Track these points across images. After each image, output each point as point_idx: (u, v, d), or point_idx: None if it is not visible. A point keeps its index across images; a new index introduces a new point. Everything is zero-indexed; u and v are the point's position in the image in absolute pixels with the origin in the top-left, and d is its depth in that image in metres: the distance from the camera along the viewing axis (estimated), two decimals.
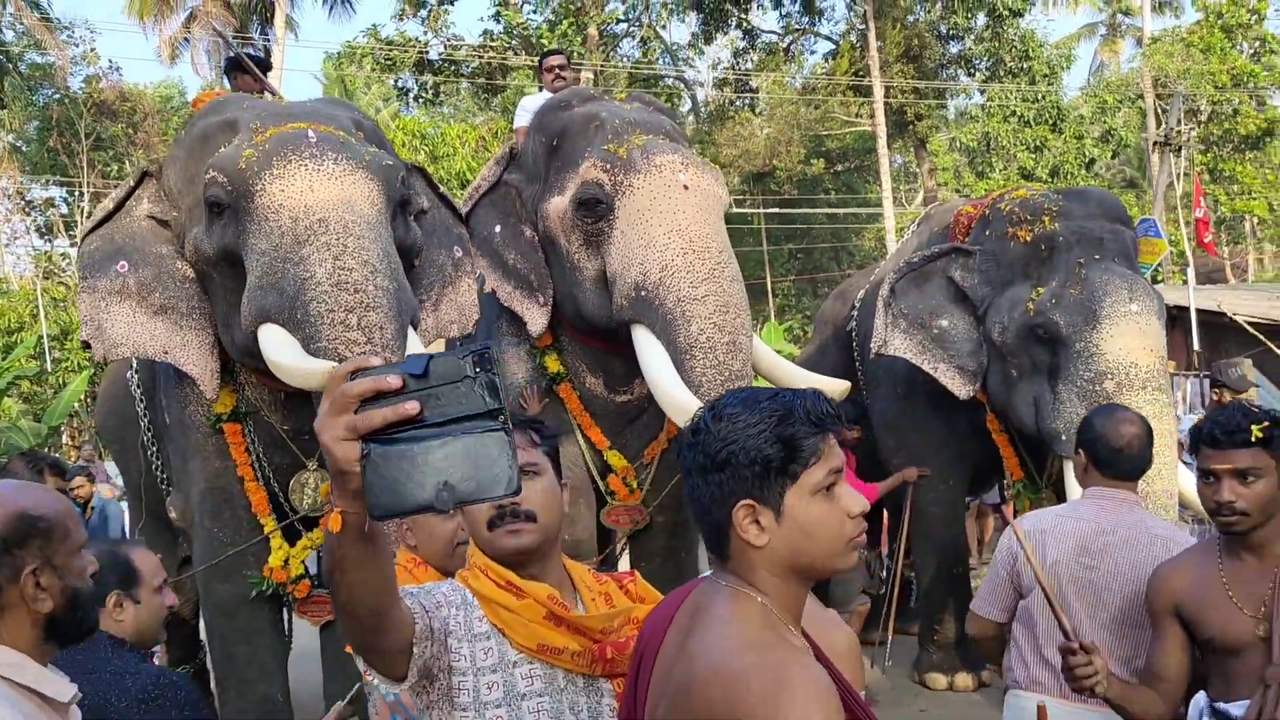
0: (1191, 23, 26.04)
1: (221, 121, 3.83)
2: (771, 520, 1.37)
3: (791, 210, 26.27)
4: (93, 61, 25.16)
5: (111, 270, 3.80)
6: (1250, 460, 2.21)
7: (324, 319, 3.35)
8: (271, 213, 3.50)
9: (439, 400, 1.14)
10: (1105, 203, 4.99)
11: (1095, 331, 4.36)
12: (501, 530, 1.80)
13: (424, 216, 4.20)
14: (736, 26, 25.23)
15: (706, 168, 4.45)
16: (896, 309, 4.95)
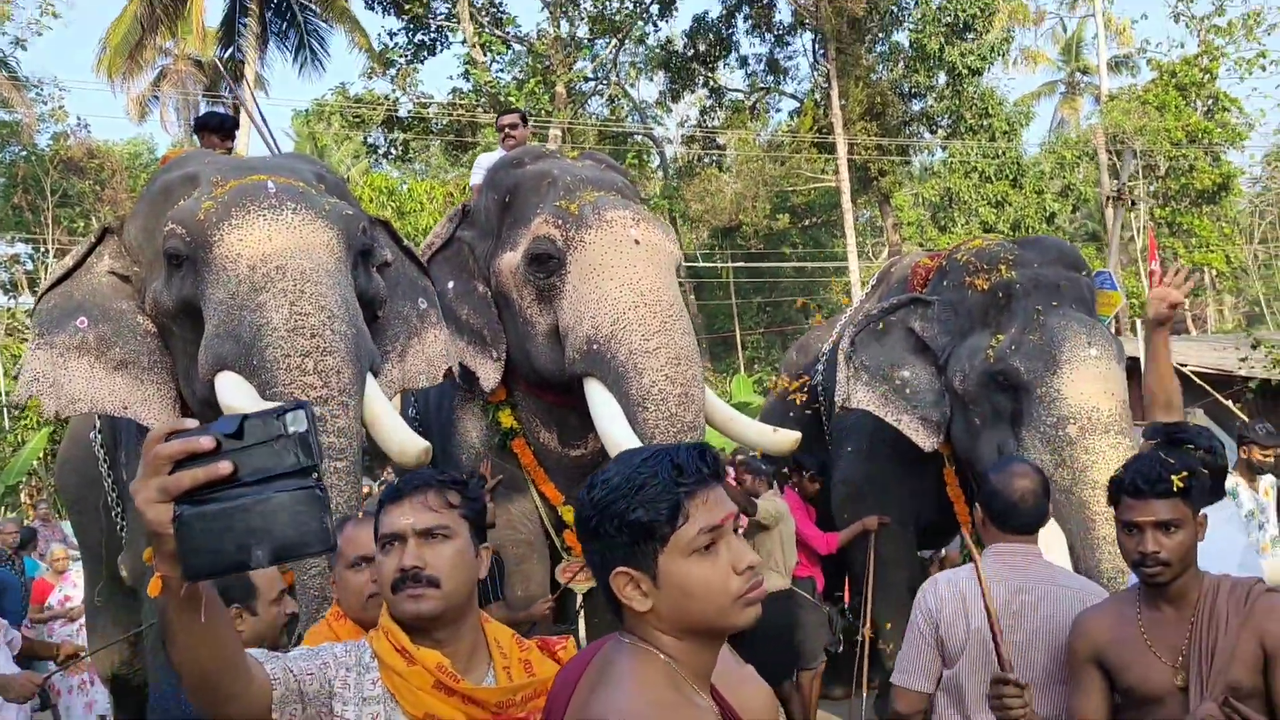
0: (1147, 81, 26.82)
1: (182, 176, 3.84)
2: (650, 585, 1.34)
3: (760, 264, 26.50)
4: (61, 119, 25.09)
5: (70, 326, 3.77)
6: (1171, 511, 2.22)
7: (280, 364, 3.34)
8: (229, 262, 3.49)
9: (253, 459, 1.14)
10: (1061, 250, 5.05)
11: (1056, 377, 4.37)
12: (403, 594, 1.77)
13: (387, 269, 4.22)
14: (703, 85, 25.67)
15: (657, 223, 4.49)
16: (858, 361, 4.96)
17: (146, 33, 21.19)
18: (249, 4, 21.31)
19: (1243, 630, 2.14)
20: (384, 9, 21.41)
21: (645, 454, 1.38)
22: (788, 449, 4.64)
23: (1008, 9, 27.58)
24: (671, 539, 1.32)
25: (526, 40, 21.83)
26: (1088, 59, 32.58)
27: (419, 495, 1.81)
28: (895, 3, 22.84)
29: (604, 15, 21.52)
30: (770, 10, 24.38)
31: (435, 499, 1.81)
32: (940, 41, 21.05)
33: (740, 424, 4.62)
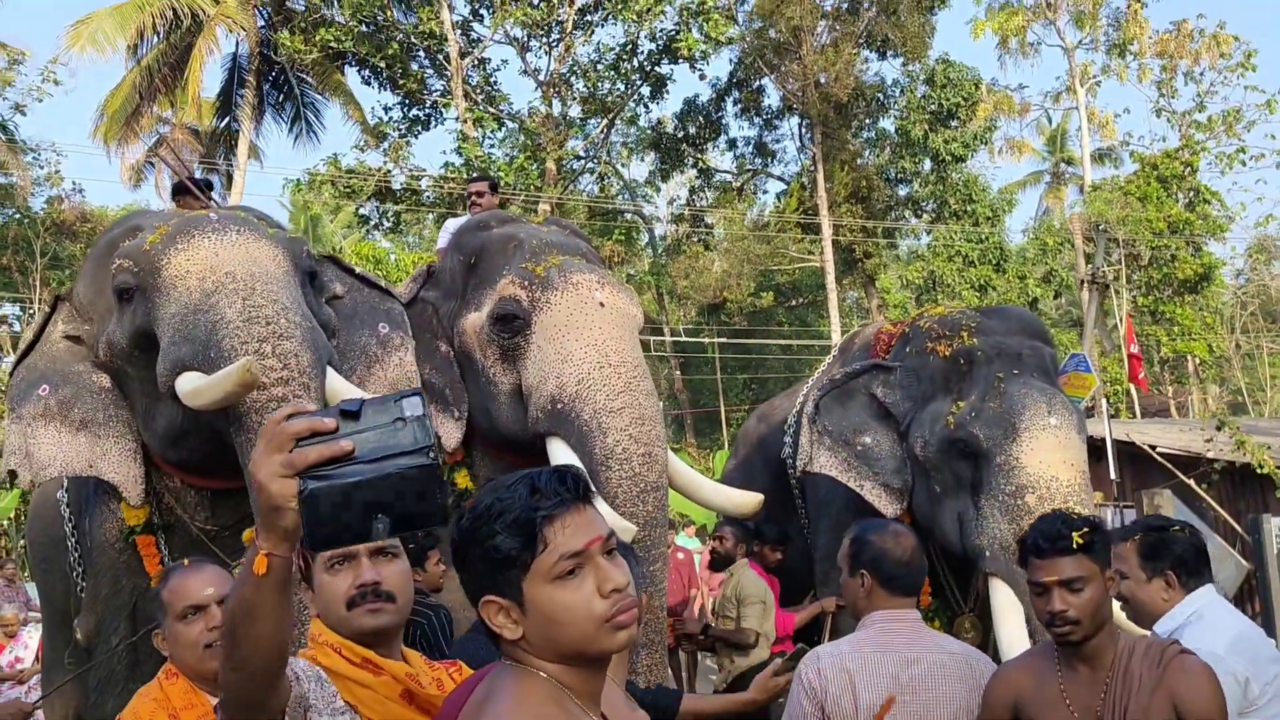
0: (1130, 173, 27.36)
1: (126, 229, 3.91)
2: (518, 613, 1.34)
3: (746, 340, 26.65)
4: (56, 183, 25.31)
5: (34, 395, 3.81)
6: (1075, 568, 2.20)
7: (238, 352, 3.33)
8: (179, 279, 3.52)
9: (370, 440, 1.20)
10: (1024, 320, 5.03)
11: (1015, 445, 4.31)
12: (362, 609, 1.81)
13: (340, 301, 4.25)
14: (693, 166, 26.08)
15: (621, 287, 4.52)
16: (820, 426, 4.90)
17: (144, 101, 21.50)
18: (246, 76, 21.68)
19: (1156, 691, 2.12)
20: (380, 84, 21.78)
21: (510, 479, 1.37)
22: (750, 512, 4.61)
23: (992, 100, 28.28)
24: (533, 565, 1.31)
25: (518, 118, 22.18)
26: (1072, 150, 33.30)
27: None
28: (881, 90, 23.36)
29: (595, 96, 21.90)
30: (759, 95, 24.94)
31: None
32: (925, 129, 21.48)
33: (703, 486, 4.60)
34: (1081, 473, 4.32)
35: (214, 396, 3.31)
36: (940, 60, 22.70)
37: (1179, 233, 24.16)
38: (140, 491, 3.82)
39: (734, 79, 24.73)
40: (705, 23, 20.08)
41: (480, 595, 1.35)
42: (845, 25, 22.34)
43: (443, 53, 20.82)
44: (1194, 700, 2.10)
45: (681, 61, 20.97)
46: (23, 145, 23.18)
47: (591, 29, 21.98)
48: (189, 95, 20.85)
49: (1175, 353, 24.53)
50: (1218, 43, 27.31)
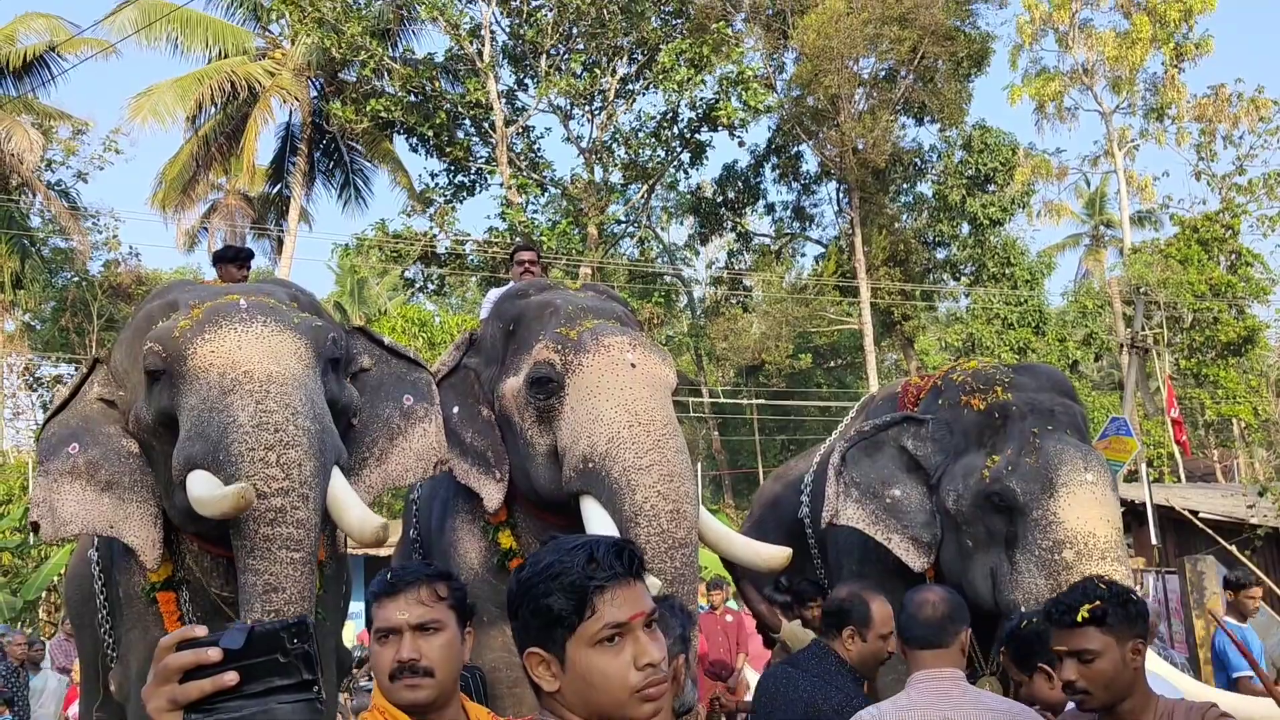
0: (1170, 236, 27.29)
1: (163, 304, 4.11)
2: (558, 668, 1.46)
3: (784, 402, 26.70)
4: (114, 247, 26.14)
5: (64, 452, 3.97)
6: (1084, 641, 2.24)
7: (244, 458, 3.51)
8: (201, 371, 3.70)
9: (257, 671, 1.22)
10: (1054, 378, 5.00)
11: (1052, 500, 4.28)
12: (401, 684, 1.93)
13: (367, 374, 4.42)
14: (731, 230, 26.41)
15: (654, 349, 4.64)
16: (848, 478, 4.84)
17: (201, 169, 22.25)
18: (299, 144, 22.39)
19: None
20: (427, 151, 22.39)
21: (571, 543, 1.50)
22: (777, 566, 4.69)
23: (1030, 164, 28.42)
24: (579, 628, 1.44)
25: (561, 184, 22.66)
26: (1111, 213, 33.28)
27: (412, 590, 1.99)
28: (919, 155, 23.58)
29: (636, 163, 22.34)
30: (797, 161, 25.28)
31: (427, 594, 1.98)
32: (962, 193, 21.64)
33: (733, 542, 4.69)
34: (1117, 529, 4.31)
35: (213, 511, 3.50)
36: (977, 126, 22.95)
37: (1221, 295, 24.03)
38: (157, 556, 3.97)
39: (772, 145, 25.12)
40: (744, 92, 20.50)
41: (527, 646, 1.49)
42: (882, 93, 22.68)
43: (488, 121, 21.40)
44: None
45: (721, 129, 21.38)
46: (84, 212, 24.06)
47: (633, 97, 22.52)
48: (243, 163, 21.59)
49: (1220, 416, 24.26)
50: (1256, 107, 27.30)
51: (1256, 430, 25.62)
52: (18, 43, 20.78)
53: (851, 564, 5.24)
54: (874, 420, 5.14)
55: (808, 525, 5.70)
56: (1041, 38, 28.82)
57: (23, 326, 25.85)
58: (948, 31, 21.70)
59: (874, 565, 4.97)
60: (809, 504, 5.66)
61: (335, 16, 19.37)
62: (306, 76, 21.59)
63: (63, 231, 23.82)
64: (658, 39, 21.31)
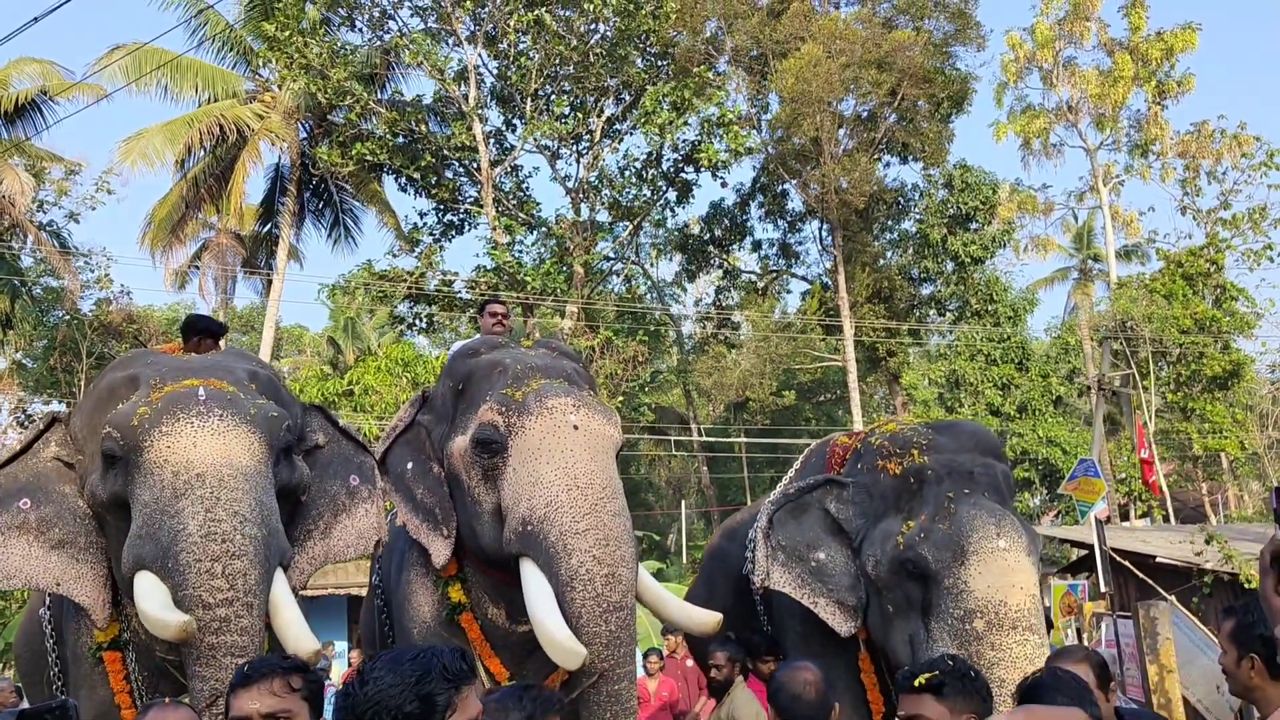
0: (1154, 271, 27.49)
1: (125, 377, 4.23)
2: None
3: (773, 440, 26.79)
4: (106, 286, 26.28)
5: (14, 506, 4.10)
6: (919, 708, 2.39)
7: (191, 568, 3.66)
8: (156, 467, 3.84)
9: None
10: (977, 436, 4.92)
11: (963, 568, 4.26)
12: None
13: (319, 451, 4.57)
14: (718, 266, 26.61)
15: (599, 409, 4.73)
16: (775, 540, 4.87)
17: (190, 210, 22.45)
18: (288, 185, 22.60)
19: None
20: (415, 191, 22.61)
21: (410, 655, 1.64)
22: (709, 631, 4.77)
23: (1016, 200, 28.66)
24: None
25: (546, 223, 22.87)
26: (1098, 247, 33.53)
27: (265, 682, 2.14)
28: (901, 194, 23.81)
29: (621, 204, 22.56)
30: (783, 199, 25.55)
31: (279, 685, 2.14)
32: (943, 232, 21.84)
33: (669, 604, 4.77)
34: (1031, 596, 4.25)
35: (159, 633, 3.66)
36: (959, 165, 23.21)
37: (1206, 330, 24.17)
38: (106, 615, 4.12)
39: (758, 184, 25.39)
40: (726, 134, 20.74)
41: None
42: (864, 132, 22.95)
43: (475, 163, 21.63)
44: None
45: (704, 170, 21.61)
46: (75, 251, 24.22)
47: (620, 137, 22.77)
48: (232, 205, 21.77)
49: (1207, 450, 24.33)
50: (1239, 143, 27.62)
51: (1243, 464, 25.67)
52: (11, 87, 21.01)
53: (795, 624, 5.23)
54: (800, 482, 5.15)
55: (752, 582, 5.73)
56: (1026, 75, 29.22)
57: (14, 365, 25.95)
58: (926, 74, 22.00)
59: (816, 626, 4.95)
60: (751, 560, 5.68)
61: (322, 62, 19.62)
62: (296, 119, 21.83)
63: (54, 272, 23.95)
64: (643, 80, 21.59)
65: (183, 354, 5.00)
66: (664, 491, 32.02)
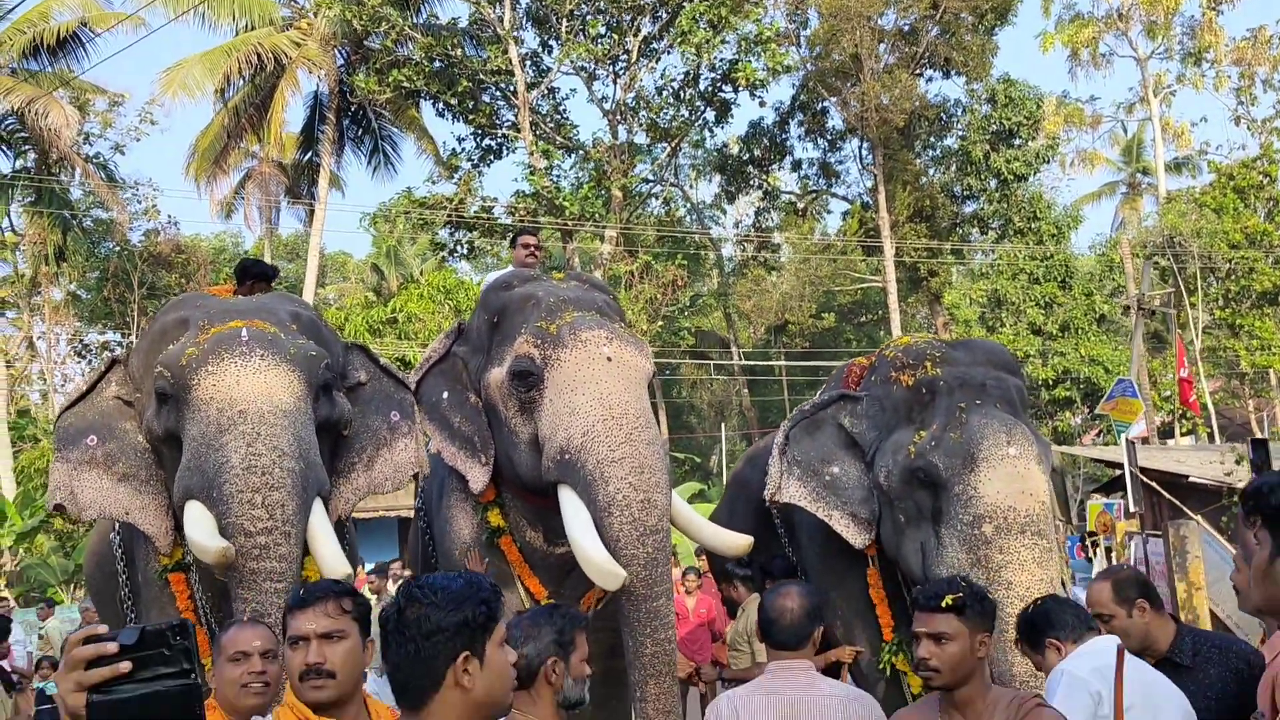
0: (1204, 185, 26.87)
1: (176, 319, 4.50)
2: (478, 668, 1.78)
3: (814, 362, 26.82)
4: (153, 217, 26.69)
5: (83, 443, 4.41)
6: (943, 625, 2.51)
7: (234, 498, 3.91)
8: (203, 404, 4.10)
9: (147, 661, 1.53)
10: (991, 351, 4.96)
11: (973, 474, 4.29)
12: (308, 684, 2.27)
13: (361, 388, 4.79)
14: (758, 187, 26.40)
15: (631, 340, 4.85)
16: (790, 456, 4.94)
17: (231, 140, 22.66)
18: (327, 113, 22.70)
19: None
20: (453, 116, 22.58)
21: (463, 575, 1.87)
22: (739, 552, 4.95)
23: (1063, 113, 28.05)
24: (495, 630, 1.81)
25: (583, 147, 22.77)
26: (1148, 160, 32.78)
27: (320, 604, 2.33)
28: (943, 110, 23.37)
29: (658, 125, 22.38)
30: (823, 117, 25.17)
31: (333, 607, 2.32)
32: (985, 148, 21.48)
33: (702, 528, 4.94)
34: (1040, 503, 4.33)
35: (202, 557, 3.95)
36: (1002, 79, 22.69)
37: (1257, 244, 23.70)
38: (169, 542, 4.41)
39: (797, 102, 25.02)
40: (764, 52, 20.43)
41: (458, 652, 1.78)
42: (906, 47, 22.48)
43: (511, 87, 21.53)
44: None
45: (741, 90, 21.34)
46: (122, 183, 24.59)
47: (657, 57, 22.50)
48: (272, 133, 21.94)
49: (1254, 366, 24.06)
50: None
51: None
52: (52, 19, 21.19)
53: (814, 546, 5.37)
54: (817, 399, 5.25)
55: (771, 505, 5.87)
56: None
57: (69, 297, 26.57)
58: None
59: (835, 544, 5.07)
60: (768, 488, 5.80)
61: None
62: (333, 46, 21.82)
63: (102, 204, 24.35)
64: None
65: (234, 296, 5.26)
66: (706, 414, 32.26)
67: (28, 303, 24.96)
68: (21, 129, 21.19)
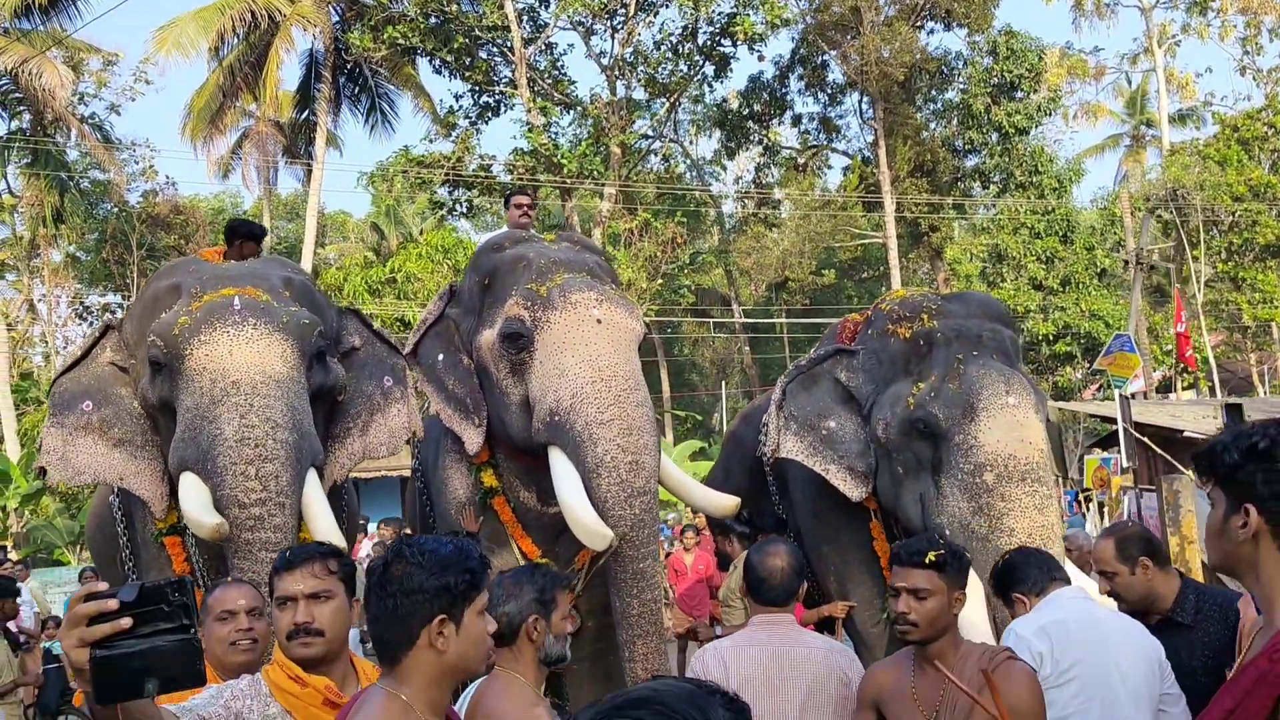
0: (1208, 136, 26.62)
1: (169, 286, 4.51)
2: (453, 632, 1.82)
3: (815, 319, 26.79)
4: (151, 178, 26.57)
5: (78, 408, 4.45)
6: (923, 581, 2.56)
7: (228, 470, 3.97)
8: (196, 374, 4.14)
9: (147, 618, 1.58)
10: (985, 304, 5.03)
11: (973, 424, 4.34)
12: (296, 642, 2.31)
13: (355, 353, 4.81)
14: (758, 143, 26.20)
15: (621, 303, 4.86)
16: (787, 411, 4.98)
17: (227, 99, 22.48)
18: (323, 71, 22.49)
19: (982, 692, 2.45)
20: (449, 74, 22.38)
21: (448, 539, 1.92)
22: (727, 512, 5.00)
23: (1066, 64, 27.74)
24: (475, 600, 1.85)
25: (581, 104, 22.57)
26: (1152, 112, 32.47)
27: (307, 565, 2.37)
28: (944, 63, 23.12)
29: (657, 80, 22.17)
30: (823, 71, 24.92)
31: (319, 568, 2.36)
32: (986, 102, 21.27)
33: (691, 489, 5.01)
34: (1039, 450, 4.37)
35: (197, 531, 4.03)
36: (1004, 31, 22.44)
37: (1261, 196, 23.53)
38: (164, 507, 4.46)
39: (796, 55, 24.77)
40: (762, 4, 20.19)
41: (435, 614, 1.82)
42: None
43: (508, 42, 21.31)
44: (1013, 701, 2.42)
45: (741, 44, 21.12)
46: (118, 143, 24.43)
47: (655, 10, 22.25)
48: (268, 92, 21.76)
49: (1257, 320, 23.99)
50: None
51: None
52: None
53: (806, 502, 5.41)
54: (813, 354, 5.27)
55: (766, 462, 5.89)
56: None
57: (68, 259, 26.53)
58: None
59: (826, 502, 5.14)
60: (767, 441, 5.74)
61: None
62: (327, 3, 21.58)
63: (99, 165, 24.23)
64: None
65: (225, 260, 5.25)
66: (708, 372, 32.31)
67: (27, 265, 24.92)
68: (15, 89, 21.02)
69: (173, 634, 1.58)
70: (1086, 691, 2.74)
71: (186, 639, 1.59)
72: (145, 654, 1.56)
